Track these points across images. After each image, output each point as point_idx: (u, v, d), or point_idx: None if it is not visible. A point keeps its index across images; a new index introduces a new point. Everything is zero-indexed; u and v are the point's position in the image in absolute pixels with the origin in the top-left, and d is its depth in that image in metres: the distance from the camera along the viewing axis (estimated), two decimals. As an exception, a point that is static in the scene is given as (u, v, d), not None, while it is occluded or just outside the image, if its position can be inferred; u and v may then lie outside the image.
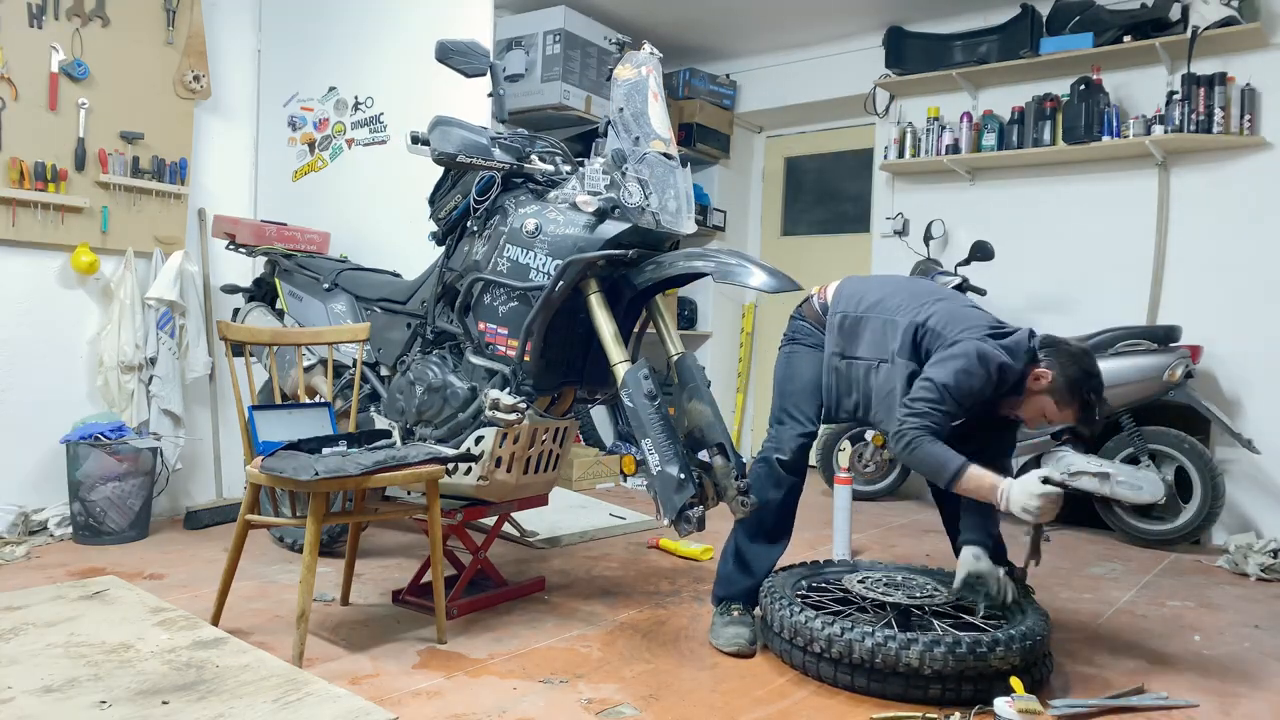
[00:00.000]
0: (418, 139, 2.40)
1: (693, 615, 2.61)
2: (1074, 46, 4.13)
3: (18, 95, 3.22)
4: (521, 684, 2.07)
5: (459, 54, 2.52)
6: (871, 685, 2.03)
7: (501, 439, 2.43)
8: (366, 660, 2.18)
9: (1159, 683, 2.18)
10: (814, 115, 5.56)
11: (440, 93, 3.44)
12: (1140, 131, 3.98)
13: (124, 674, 1.72)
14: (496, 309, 2.47)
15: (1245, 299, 3.87)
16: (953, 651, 1.96)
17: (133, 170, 3.52)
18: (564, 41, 4.47)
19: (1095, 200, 4.28)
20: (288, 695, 1.64)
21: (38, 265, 3.35)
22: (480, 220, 2.55)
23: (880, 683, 2.02)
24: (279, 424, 2.41)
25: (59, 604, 2.13)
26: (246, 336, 2.47)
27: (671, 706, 1.97)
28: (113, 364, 3.43)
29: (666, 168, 2.36)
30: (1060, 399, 2.20)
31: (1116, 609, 2.80)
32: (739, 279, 2.25)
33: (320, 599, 2.64)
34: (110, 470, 3.19)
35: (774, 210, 5.87)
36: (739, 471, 2.28)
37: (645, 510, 4.01)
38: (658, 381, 2.27)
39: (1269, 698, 2.13)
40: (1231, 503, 3.80)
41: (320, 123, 3.86)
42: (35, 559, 3.01)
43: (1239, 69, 3.86)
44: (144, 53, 3.56)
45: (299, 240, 3.43)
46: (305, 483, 2.03)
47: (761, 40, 5.30)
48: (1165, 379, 3.53)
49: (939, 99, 4.69)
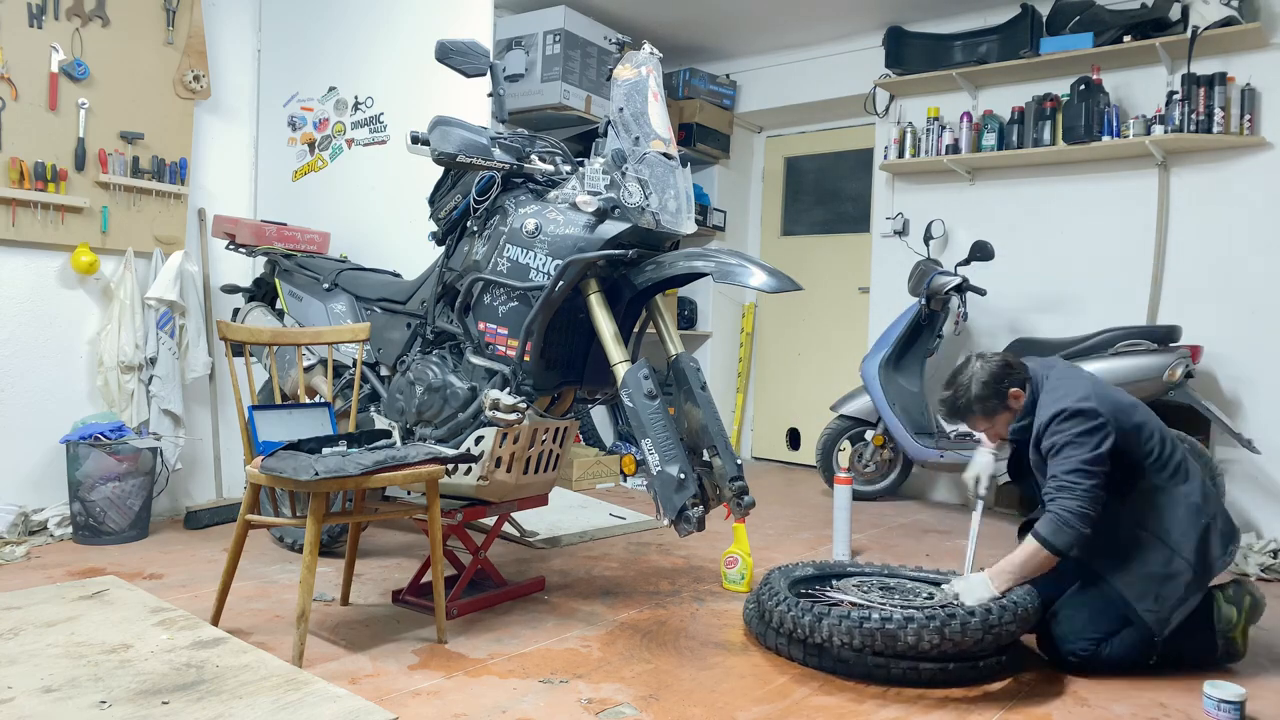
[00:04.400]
0: (418, 139, 2.40)
1: (693, 615, 2.61)
2: (1074, 46, 4.13)
3: (18, 95, 3.22)
4: (521, 684, 2.07)
5: (459, 54, 2.52)
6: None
7: (501, 439, 2.43)
8: (366, 660, 2.18)
9: (1160, 682, 2.18)
10: (814, 115, 5.56)
11: (440, 93, 3.44)
12: (1140, 131, 3.98)
13: (124, 674, 1.72)
14: (496, 309, 2.47)
15: (1245, 299, 3.87)
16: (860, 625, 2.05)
17: (133, 170, 3.52)
18: (564, 41, 4.47)
19: (1095, 200, 4.28)
20: (287, 695, 1.64)
21: (38, 265, 3.35)
22: (480, 220, 2.55)
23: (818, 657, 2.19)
24: (279, 424, 2.41)
25: (59, 604, 2.13)
26: (246, 336, 2.47)
27: (671, 706, 1.97)
28: (113, 364, 3.43)
29: (666, 168, 2.36)
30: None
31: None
32: (739, 279, 2.24)
33: (320, 599, 2.64)
34: (110, 470, 3.19)
35: (774, 210, 5.87)
36: (736, 472, 2.28)
37: (645, 510, 4.01)
38: (658, 381, 2.27)
39: (1269, 697, 2.13)
40: (1231, 503, 3.80)
41: (320, 123, 3.86)
42: (35, 559, 3.01)
43: (1239, 69, 3.86)
44: (144, 53, 3.56)
45: (299, 240, 3.43)
46: (305, 483, 2.03)
47: (761, 40, 5.30)
48: (1165, 379, 3.53)
49: (939, 99, 4.69)
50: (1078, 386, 2.24)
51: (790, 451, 5.66)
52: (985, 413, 2.35)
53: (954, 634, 2.02)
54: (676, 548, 3.43)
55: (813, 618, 2.12)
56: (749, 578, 2.88)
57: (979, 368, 2.34)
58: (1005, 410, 2.34)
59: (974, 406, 2.34)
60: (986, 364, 2.34)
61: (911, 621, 2.03)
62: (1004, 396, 2.33)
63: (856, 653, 2.10)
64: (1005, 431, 2.38)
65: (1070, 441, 2.15)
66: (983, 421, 2.38)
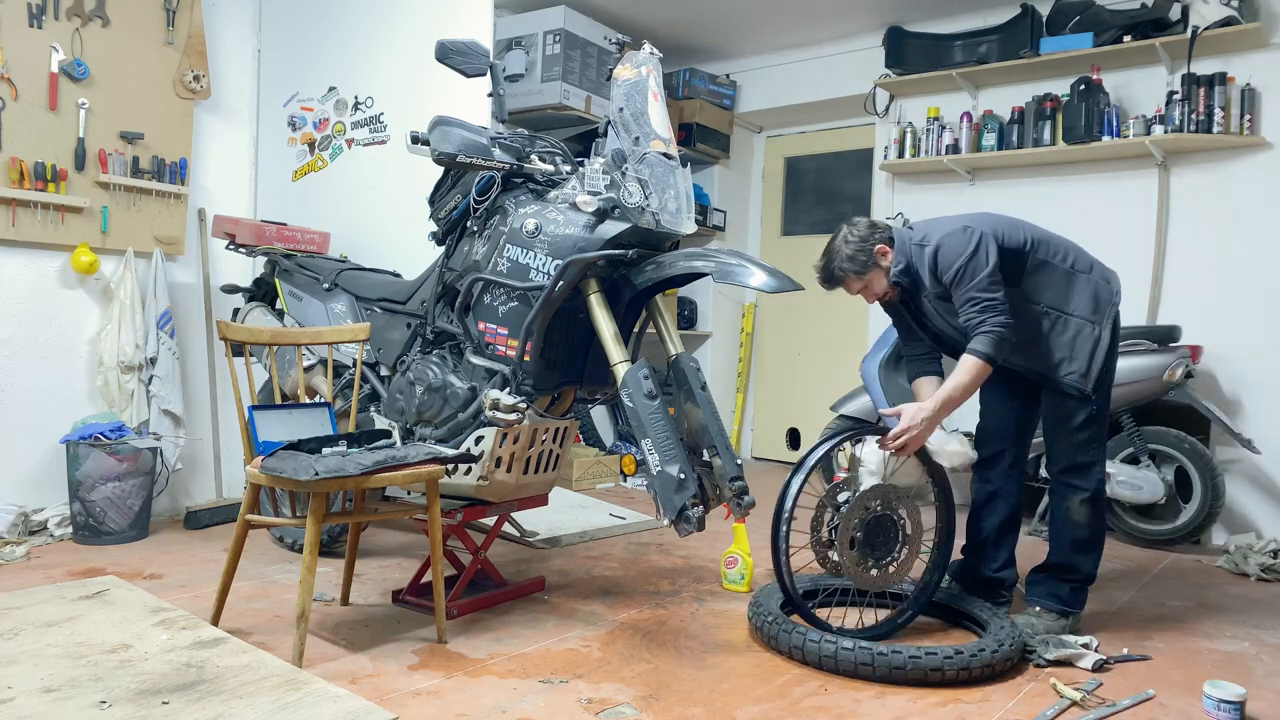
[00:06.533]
0: (418, 139, 2.40)
1: (692, 615, 2.61)
2: (1074, 46, 4.13)
3: (18, 95, 3.22)
4: (521, 684, 2.07)
5: (459, 54, 2.52)
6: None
7: (501, 439, 2.43)
8: (366, 660, 2.18)
9: (1159, 683, 2.19)
10: (814, 115, 5.56)
11: (440, 93, 3.44)
12: (1140, 131, 3.98)
13: (124, 674, 1.72)
14: (496, 309, 2.47)
15: (1245, 299, 3.87)
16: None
17: (133, 170, 3.52)
18: (564, 41, 4.47)
19: (1095, 200, 4.28)
20: (287, 695, 1.64)
21: (38, 265, 3.35)
22: (480, 220, 2.55)
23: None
24: (279, 424, 2.41)
25: (59, 604, 2.13)
26: (246, 336, 2.47)
27: (671, 706, 1.97)
28: (113, 364, 3.43)
29: (666, 168, 2.36)
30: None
31: (1117, 609, 2.80)
32: (739, 279, 2.24)
33: (320, 599, 2.64)
34: (110, 470, 3.19)
35: (774, 210, 5.87)
36: (736, 472, 2.28)
37: (645, 510, 4.01)
38: (658, 381, 2.27)
39: (1269, 697, 2.13)
40: (1231, 503, 3.80)
41: (320, 123, 3.86)
42: (35, 559, 3.01)
43: (1239, 69, 3.86)
44: (144, 53, 3.56)
45: (299, 240, 3.43)
46: (305, 483, 2.03)
47: (761, 40, 5.30)
48: (1165, 379, 3.53)
49: (939, 99, 4.68)
50: (944, 221, 2.46)
51: (790, 451, 5.66)
52: (857, 270, 2.47)
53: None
54: (676, 548, 3.43)
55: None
56: (749, 578, 2.88)
57: (847, 232, 2.50)
58: (876, 268, 2.47)
59: (846, 266, 2.48)
60: (853, 227, 2.50)
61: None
62: (871, 254, 2.46)
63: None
64: (880, 290, 2.50)
65: (970, 261, 2.33)
66: (856, 281, 2.50)
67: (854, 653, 2.13)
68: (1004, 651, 2.16)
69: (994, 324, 2.29)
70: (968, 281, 2.32)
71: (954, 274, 2.35)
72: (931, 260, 2.40)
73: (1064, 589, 2.50)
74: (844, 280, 2.51)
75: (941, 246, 2.38)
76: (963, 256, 2.33)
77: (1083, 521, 2.47)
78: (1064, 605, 2.49)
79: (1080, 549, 2.49)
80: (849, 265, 2.47)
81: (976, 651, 2.13)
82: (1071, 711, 2.00)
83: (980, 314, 2.30)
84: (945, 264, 2.36)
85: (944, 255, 2.37)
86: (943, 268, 2.37)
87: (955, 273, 2.34)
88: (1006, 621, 2.35)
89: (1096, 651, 2.31)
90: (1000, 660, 2.15)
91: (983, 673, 2.13)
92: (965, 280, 2.33)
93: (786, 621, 2.29)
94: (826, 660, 2.16)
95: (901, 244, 2.46)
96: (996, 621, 2.35)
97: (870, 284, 2.50)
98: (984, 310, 2.30)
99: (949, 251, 2.36)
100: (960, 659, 2.10)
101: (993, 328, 2.28)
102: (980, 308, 2.30)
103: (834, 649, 2.15)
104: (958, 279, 2.34)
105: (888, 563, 2.37)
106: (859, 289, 2.51)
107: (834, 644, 2.15)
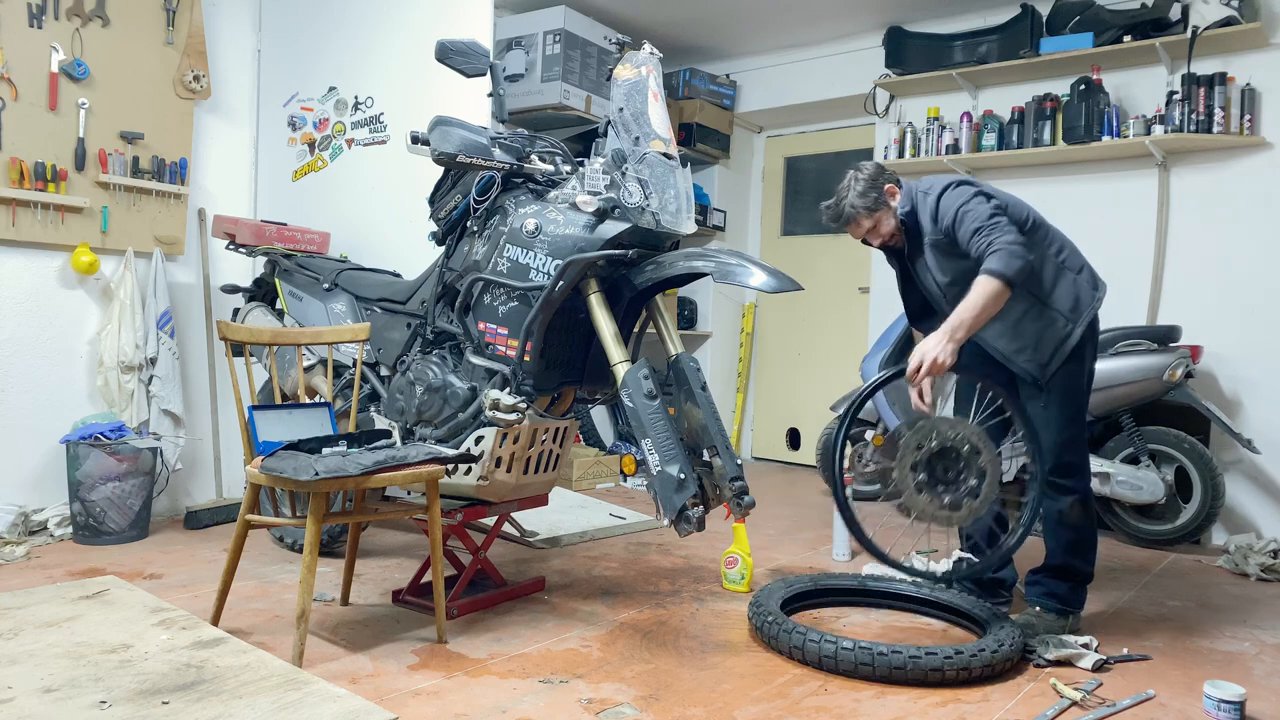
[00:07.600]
0: (418, 139, 2.40)
1: (692, 615, 2.61)
2: (1074, 46, 4.13)
3: (18, 95, 3.22)
4: (521, 684, 2.07)
5: (459, 54, 2.52)
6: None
7: (501, 439, 2.43)
8: (366, 660, 2.18)
9: (1159, 683, 2.19)
10: (814, 115, 5.56)
11: (440, 93, 3.44)
12: (1140, 131, 3.98)
13: (124, 674, 1.72)
14: (496, 309, 2.47)
15: (1245, 299, 3.87)
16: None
17: (133, 170, 3.52)
18: (564, 41, 4.47)
19: (1095, 200, 4.28)
20: (287, 695, 1.64)
21: (38, 265, 3.35)
22: (480, 220, 2.55)
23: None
24: (279, 424, 2.41)
25: (59, 604, 2.13)
26: (246, 336, 2.47)
27: (671, 706, 1.97)
28: (113, 364, 3.43)
29: (666, 168, 2.36)
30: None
31: (1117, 609, 2.80)
32: (739, 279, 2.25)
33: (320, 599, 2.64)
34: (110, 470, 3.19)
35: (774, 210, 5.87)
36: (736, 472, 2.28)
37: (645, 510, 4.01)
38: (658, 381, 2.27)
39: (1269, 697, 2.13)
40: (1231, 503, 3.80)
41: (320, 123, 3.86)
42: (35, 559, 3.01)
43: (1239, 69, 3.86)
44: (144, 53, 3.56)
45: (299, 240, 3.43)
46: (305, 483, 2.03)
47: (761, 40, 5.30)
48: (1165, 379, 3.53)
49: (939, 99, 4.69)
50: (948, 177, 2.49)
51: (790, 451, 5.66)
52: (868, 208, 2.48)
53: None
54: (676, 548, 3.43)
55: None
56: (749, 578, 2.88)
57: (855, 174, 2.52)
58: (885, 207, 2.49)
59: (857, 203, 2.48)
60: (862, 170, 2.52)
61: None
62: (881, 192, 2.48)
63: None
64: (888, 231, 2.51)
65: (969, 201, 2.35)
66: (867, 219, 2.50)
67: (854, 653, 2.13)
68: (1004, 651, 2.17)
69: (1004, 241, 2.24)
70: (969, 219, 2.32)
71: (954, 215, 2.35)
72: (933, 206, 2.42)
73: (1063, 588, 2.50)
74: (854, 219, 2.51)
75: (944, 194, 2.41)
76: (961, 199, 2.36)
77: (1076, 524, 2.47)
78: (1063, 605, 2.49)
79: (1076, 551, 2.49)
80: (860, 202, 2.47)
81: (976, 651, 2.13)
82: (1071, 711, 2.01)
83: (988, 236, 2.27)
84: (945, 208, 2.38)
85: (945, 201, 2.39)
86: (943, 210, 2.39)
87: (956, 214, 2.35)
88: (1006, 621, 2.35)
89: (1096, 651, 2.31)
90: (1000, 660, 2.15)
91: (983, 673, 2.13)
92: (966, 219, 2.33)
93: (787, 621, 2.28)
94: (826, 660, 2.16)
95: (908, 189, 2.51)
96: (996, 621, 2.35)
97: (879, 223, 2.50)
98: (991, 232, 2.27)
99: (949, 198, 2.39)
100: (960, 659, 2.10)
101: (1004, 245, 2.24)
102: (987, 232, 2.28)
103: (834, 649, 2.15)
104: (958, 219, 2.35)
105: (964, 494, 2.30)
106: (869, 227, 2.51)
107: (834, 644, 2.15)
